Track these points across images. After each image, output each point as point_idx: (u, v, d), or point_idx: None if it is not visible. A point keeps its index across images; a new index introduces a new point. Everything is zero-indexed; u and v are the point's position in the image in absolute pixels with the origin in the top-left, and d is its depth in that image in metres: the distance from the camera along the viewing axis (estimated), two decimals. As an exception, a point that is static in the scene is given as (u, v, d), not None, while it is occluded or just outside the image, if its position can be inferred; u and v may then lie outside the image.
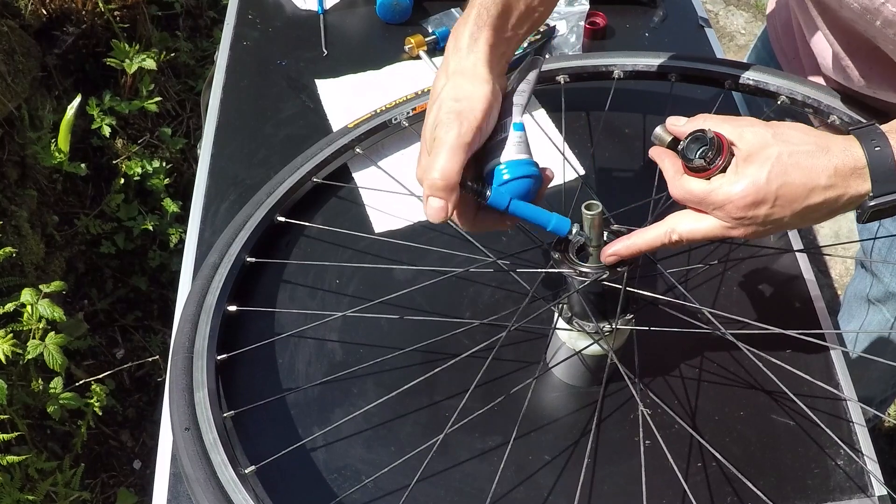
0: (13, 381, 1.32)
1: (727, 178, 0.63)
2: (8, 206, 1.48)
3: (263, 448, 0.72)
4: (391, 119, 0.96)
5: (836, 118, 0.87)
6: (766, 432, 0.77)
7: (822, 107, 0.88)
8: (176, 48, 1.97)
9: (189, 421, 0.69)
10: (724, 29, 2.73)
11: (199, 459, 0.66)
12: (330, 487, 0.72)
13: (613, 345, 0.74)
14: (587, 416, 0.78)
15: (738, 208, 0.63)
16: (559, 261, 0.71)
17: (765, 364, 0.73)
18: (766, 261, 0.90)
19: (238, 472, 0.66)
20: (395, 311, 0.83)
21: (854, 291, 1.33)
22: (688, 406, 0.79)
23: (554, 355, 0.79)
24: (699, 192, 0.65)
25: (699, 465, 0.75)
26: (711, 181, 0.64)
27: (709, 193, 0.64)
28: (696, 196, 0.65)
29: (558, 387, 0.80)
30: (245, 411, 0.74)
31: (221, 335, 0.78)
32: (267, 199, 0.88)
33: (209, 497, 0.64)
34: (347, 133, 0.94)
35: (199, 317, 0.77)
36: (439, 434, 0.70)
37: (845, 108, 0.87)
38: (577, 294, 0.72)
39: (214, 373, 0.74)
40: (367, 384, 0.79)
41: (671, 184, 0.67)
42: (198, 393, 0.71)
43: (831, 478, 0.74)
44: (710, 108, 0.97)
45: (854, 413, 0.78)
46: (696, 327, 0.74)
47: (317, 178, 0.92)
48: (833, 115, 0.87)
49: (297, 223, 0.89)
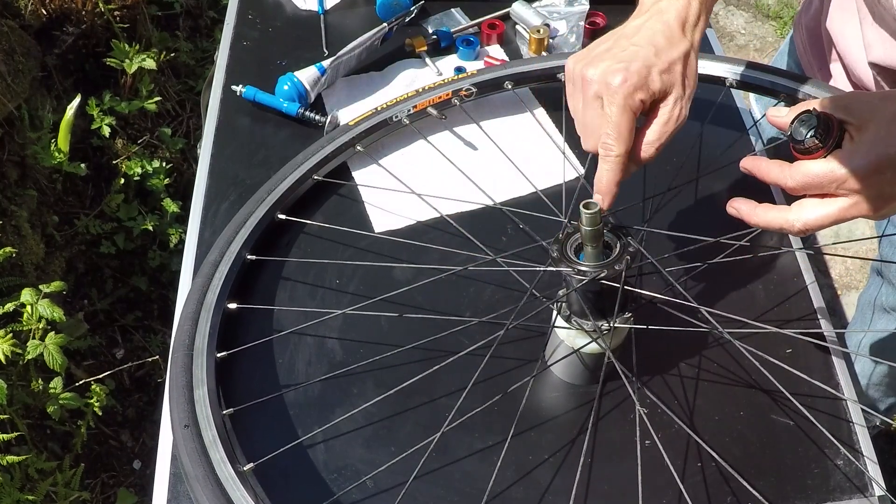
0: (13, 381, 1.32)
1: (846, 151, 0.62)
2: (8, 206, 1.48)
3: (262, 446, 0.72)
4: (392, 117, 0.96)
5: None
6: (766, 432, 0.77)
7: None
8: (176, 48, 1.97)
9: (188, 418, 0.69)
10: (724, 29, 2.73)
11: (199, 457, 0.66)
12: (328, 485, 0.72)
13: (611, 343, 0.74)
14: (586, 416, 0.78)
15: (864, 177, 0.61)
16: (558, 259, 0.71)
17: (764, 364, 0.73)
18: (766, 261, 0.90)
19: (237, 470, 0.66)
20: (395, 309, 0.83)
21: (868, 299, 1.32)
22: (687, 406, 0.79)
23: (552, 353, 0.79)
24: (821, 171, 0.64)
25: (698, 466, 0.74)
26: (829, 159, 0.63)
27: (831, 171, 0.63)
28: (818, 177, 0.64)
29: (557, 386, 0.80)
30: (244, 409, 0.74)
31: (221, 333, 0.78)
32: (268, 196, 0.88)
33: (208, 494, 0.64)
34: (348, 131, 0.94)
35: (200, 314, 0.77)
36: (438, 432, 0.70)
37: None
38: (575, 292, 0.72)
39: (214, 370, 0.74)
40: (366, 383, 0.79)
41: (784, 176, 0.67)
42: (197, 390, 0.71)
43: (831, 478, 0.74)
44: (711, 108, 0.97)
45: (854, 413, 0.78)
46: (694, 326, 0.74)
47: (317, 175, 0.92)
48: None
49: (297, 221, 0.89)
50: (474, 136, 1.01)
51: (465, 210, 0.92)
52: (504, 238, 0.90)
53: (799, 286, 0.88)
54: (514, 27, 1.15)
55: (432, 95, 0.97)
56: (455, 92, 0.97)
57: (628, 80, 0.66)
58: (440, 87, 0.98)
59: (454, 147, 1.00)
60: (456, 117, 1.01)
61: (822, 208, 0.65)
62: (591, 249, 0.70)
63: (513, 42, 1.14)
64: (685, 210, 0.93)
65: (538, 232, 0.84)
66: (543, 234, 0.81)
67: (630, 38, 0.70)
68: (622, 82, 0.66)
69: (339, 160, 0.95)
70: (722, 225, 0.76)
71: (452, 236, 0.89)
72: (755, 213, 0.69)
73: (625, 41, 0.70)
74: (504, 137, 0.98)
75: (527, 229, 0.86)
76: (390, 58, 1.11)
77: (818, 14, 1.04)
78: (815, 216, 0.66)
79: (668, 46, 0.68)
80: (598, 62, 0.68)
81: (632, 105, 0.67)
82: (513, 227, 0.90)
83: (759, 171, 0.70)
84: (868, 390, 1.46)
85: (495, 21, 1.14)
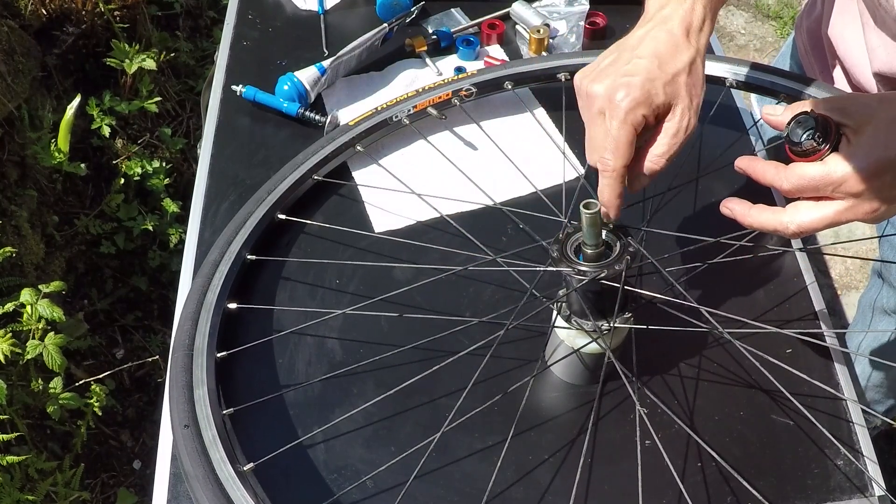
0: (13, 381, 1.32)
1: (843, 154, 0.62)
2: (8, 206, 1.48)
3: (262, 446, 0.72)
4: (392, 117, 0.96)
5: None
6: (766, 432, 0.77)
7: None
8: (176, 48, 1.97)
9: (189, 418, 0.69)
10: (724, 29, 2.73)
11: (199, 457, 0.66)
12: (328, 485, 0.72)
13: (612, 343, 0.74)
14: (586, 416, 0.78)
15: (861, 180, 0.61)
16: (558, 259, 0.71)
17: (764, 364, 0.73)
18: (767, 261, 0.90)
19: (237, 470, 0.66)
20: (395, 309, 0.83)
21: (868, 301, 1.32)
22: (687, 406, 0.79)
23: (552, 353, 0.79)
24: (817, 175, 0.63)
25: (698, 466, 0.74)
26: (826, 161, 0.62)
27: (827, 174, 0.62)
28: (813, 180, 0.63)
29: (557, 386, 0.80)
30: (244, 409, 0.74)
31: (221, 333, 0.78)
32: (268, 196, 0.88)
33: (208, 495, 0.64)
34: (348, 131, 0.94)
35: (200, 314, 0.77)
36: (437, 432, 0.70)
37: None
38: (575, 292, 0.72)
39: (214, 370, 0.74)
40: (366, 383, 0.79)
41: (780, 178, 0.66)
42: (197, 390, 0.71)
43: (831, 478, 0.74)
44: (711, 107, 0.97)
45: (854, 413, 0.78)
46: (694, 326, 0.74)
47: (317, 175, 0.92)
48: None
49: (297, 221, 0.89)
50: (474, 136, 1.01)
51: (465, 210, 0.92)
52: (504, 238, 0.90)
53: (799, 286, 0.88)
54: (514, 27, 1.15)
55: (432, 95, 0.97)
56: (455, 92, 0.97)
57: (630, 94, 0.66)
58: (440, 87, 0.98)
59: (454, 147, 1.00)
60: (456, 117, 1.01)
61: (817, 211, 0.65)
62: (591, 250, 0.70)
63: (513, 42, 1.14)
64: (685, 210, 0.93)
65: (538, 232, 0.84)
66: (543, 234, 0.81)
67: (634, 49, 0.69)
68: (624, 97, 0.66)
69: (339, 160, 0.95)
70: (721, 225, 0.76)
71: (453, 236, 0.89)
72: (749, 213, 0.69)
73: (628, 53, 0.69)
74: (504, 137, 0.98)
75: (527, 229, 0.86)
76: (390, 58, 1.11)
77: (819, 18, 1.04)
78: (809, 219, 0.65)
79: (672, 56, 0.68)
80: (602, 78, 0.68)
81: (633, 120, 0.66)
82: (513, 227, 0.90)
83: (754, 171, 0.70)
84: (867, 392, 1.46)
85: (495, 21, 1.14)
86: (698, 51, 0.70)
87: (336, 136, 0.94)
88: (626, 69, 0.68)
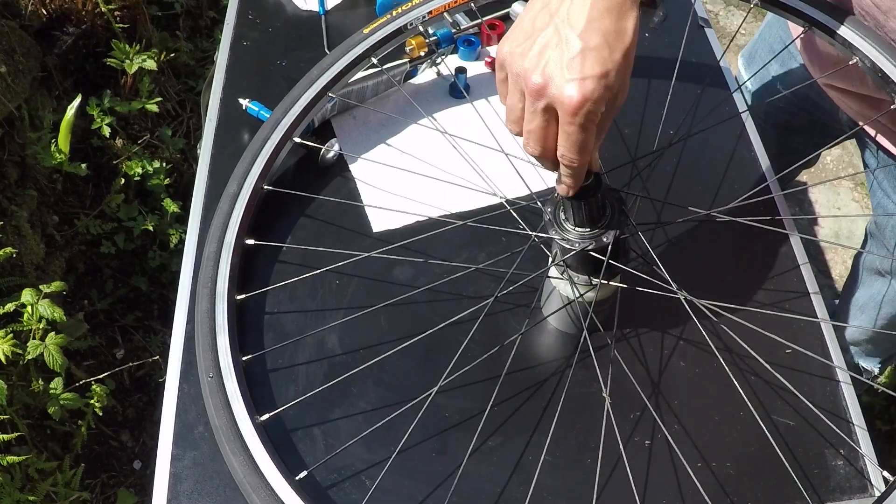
0: (13, 382, 1.32)
1: None
2: (8, 206, 1.48)
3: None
4: (407, 24, 0.94)
5: None
6: (766, 432, 0.77)
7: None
8: (176, 48, 1.97)
9: (213, 368, 0.72)
10: (724, 29, 2.73)
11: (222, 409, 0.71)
12: (328, 485, 0.72)
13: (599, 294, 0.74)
14: (587, 416, 0.78)
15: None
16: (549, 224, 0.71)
17: (764, 364, 0.73)
18: (763, 251, 0.90)
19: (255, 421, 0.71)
20: (397, 305, 0.83)
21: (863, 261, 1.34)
22: (687, 406, 0.79)
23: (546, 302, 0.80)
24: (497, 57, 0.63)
25: (699, 466, 0.75)
26: None
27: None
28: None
29: (562, 388, 0.80)
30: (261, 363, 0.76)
31: (241, 272, 0.80)
32: (284, 118, 0.87)
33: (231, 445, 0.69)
34: (363, 40, 0.92)
35: (220, 254, 0.79)
36: (437, 433, 0.70)
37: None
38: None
39: (234, 314, 0.77)
40: (366, 383, 0.79)
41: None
42: (220, 337, 0.74)
43: (831, 478, 0.74)
44: (711, 107, 0.97)
45: (854, 413, 0.78)
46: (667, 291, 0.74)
47: (332, 93, 0.92)
48: None
49: (313, 146, 0.90)
50: (474, 134, 1.01)
51: (465, 207, 0.92)
52: (504, 239, 0.90)
53: (799, 284, 0.88)
54: (515, 27, 1.15)
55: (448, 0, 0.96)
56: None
57: (588, 97, 0.57)
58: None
59: (454, 142, 1.00)
60: (456, 117, 1.01)
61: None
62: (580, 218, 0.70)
63: (513, 42, 1.14)
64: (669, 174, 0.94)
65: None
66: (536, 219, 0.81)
67: (572, 22, 0.57)
68: (582, 102, 0.57)
69: (355, 74, 0.94)
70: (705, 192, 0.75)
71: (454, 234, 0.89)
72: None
73: (568, 29, 0.58)
74: (506, 136, 0.98)
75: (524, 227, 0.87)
76: (391, 59, 1.11)
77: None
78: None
79: (618, 30, 0.58)
80: (542, 65, 0.58)
81: (593, 119, 0.59)
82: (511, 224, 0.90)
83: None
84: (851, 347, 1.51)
85: (495, 21, 1.14)
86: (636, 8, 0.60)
87: (350, 47, 0.92)
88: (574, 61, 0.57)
